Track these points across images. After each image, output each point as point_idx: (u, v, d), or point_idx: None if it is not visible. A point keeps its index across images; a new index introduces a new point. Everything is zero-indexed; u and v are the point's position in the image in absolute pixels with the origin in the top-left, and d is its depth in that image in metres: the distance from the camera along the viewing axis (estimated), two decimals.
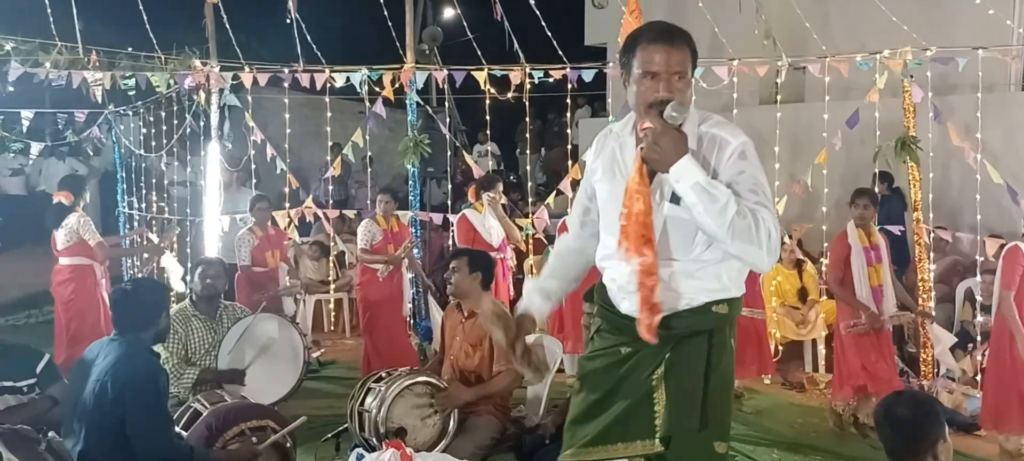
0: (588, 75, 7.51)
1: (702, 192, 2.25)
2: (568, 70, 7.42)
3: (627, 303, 2.47)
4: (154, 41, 7.81)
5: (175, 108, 8.63)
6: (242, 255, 6.86)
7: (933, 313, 6.39)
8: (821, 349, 7.00)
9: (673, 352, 2.44)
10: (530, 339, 4.81)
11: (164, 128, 8.95)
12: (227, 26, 7.81)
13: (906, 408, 2.73)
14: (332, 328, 8.90)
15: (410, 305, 7.40)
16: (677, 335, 2.43)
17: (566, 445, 2.59)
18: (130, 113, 10.00)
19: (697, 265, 2.40)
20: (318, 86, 7.65)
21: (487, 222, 6.88)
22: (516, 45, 7.75)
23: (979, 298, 6.49)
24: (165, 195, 10.08)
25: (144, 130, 9.74)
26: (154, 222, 9.36)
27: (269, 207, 7.13)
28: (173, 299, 4.92)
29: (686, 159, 2.28)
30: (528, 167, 8.74)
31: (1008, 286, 5.00)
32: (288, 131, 8.08)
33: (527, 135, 8.18)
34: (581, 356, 2.73)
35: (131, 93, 8.03)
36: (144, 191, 9.64)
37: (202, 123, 7.80)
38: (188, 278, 5.25)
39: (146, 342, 3.52)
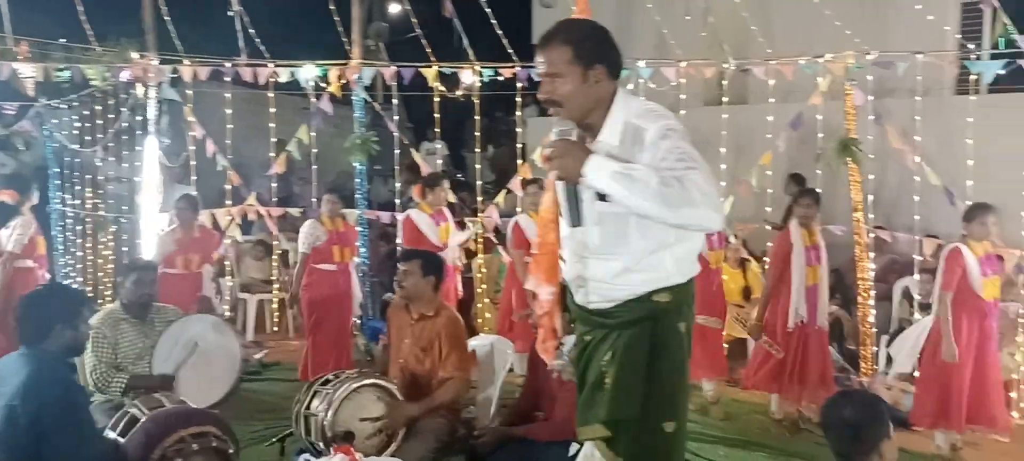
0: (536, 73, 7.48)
1: (620, 177, 2.28)
2: (518, 68, 7.39)
3: (579, 295, 2.62)
4: (89, 32, 7.54)
5: (111, 102, 8.34)
6: (158, 255, 6.51)
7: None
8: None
9: (619, 340, 2.54)
10: (481, 341, 4.79)
11: (99, 123, 8.64)
12: (166, 17, 7.58)
13: (852, 409, 2.75)
14: (276, 329, 8.72)
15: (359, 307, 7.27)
16: (623, 323, 2.54)
17: None
18: (63, 106, 9.65)
19: (635, 257, 2.48)
20: (261, 81, 7.47)
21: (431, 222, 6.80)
22: (466, 42, 7.69)
23: (917, 297, 6.67)
24: (100, 192, 9.73)
25: (78, 124, 9.40)
26: (88, 219, 9.03)
27: (192, 207, 6.85)
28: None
29: (593, 160, 2.32)
30: (477, 165, 8.67)
31: (947, 287, 5.10)
32: (229, 127, 7.88)
33: (476, 133, 8.12)
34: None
35: (65, 86, 7.74)
36: (78, 187, 9.31)
37: (139, 118, 7.54)
38: (119, 279, 5.02)
39: (58, 355, 3.29)
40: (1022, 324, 6.01)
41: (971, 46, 7.34)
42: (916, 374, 6.02)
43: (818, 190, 6.08)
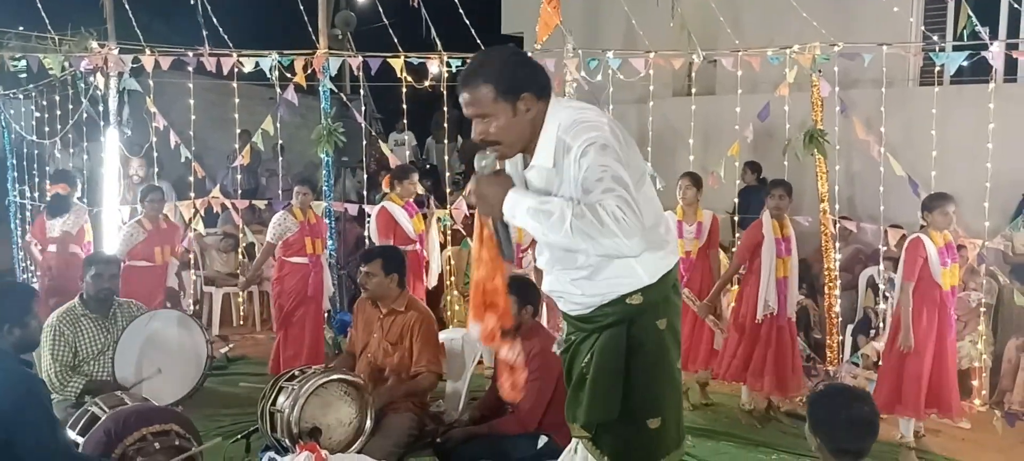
0: None
1: (535, 213, 2.28)
2: None
3: (560, 303, 2.68)
4: (46, 21, 7.35)
5: (70, 92, 8.15)
6: (122, 248, 6.38)
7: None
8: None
9: (597, 342, 2.58)
10: (450, 334, 4.76)
11: (58, 113, 8.44)
12: (127, 6, 7.41)
13: (870, 407, 2.70)
14: (242, 323, 8.61)
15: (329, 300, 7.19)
16: (601, 326, 2.57)
17: None
18: (21, 96, 9.43)
19: (593, 268, 2.49)
20: (225, 71, 7.34)
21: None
22: (433, 32, 7.62)
23: (882, 286, 6.75)
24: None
25: (37, 115, 9.18)
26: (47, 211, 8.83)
27: (162, 199, 6.75)
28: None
29: (510, 197, 2.32)
30: (446, 156, 8.62)
31: (908, 277, 5.17)
32: (193, 117, 7.74)
33: (444, 124, 8.06)
34: None
35: (22, 76, 7.54)
36: (37, 179, 9.10)
37: (100, 108, 7.38)
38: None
39: (9, 353, 3.23)
40: (983, 313, 6.11)
41: (935, 38, 7.43)
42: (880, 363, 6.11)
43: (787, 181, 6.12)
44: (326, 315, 7.06)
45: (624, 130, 2.45)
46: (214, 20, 7.24)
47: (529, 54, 2.54)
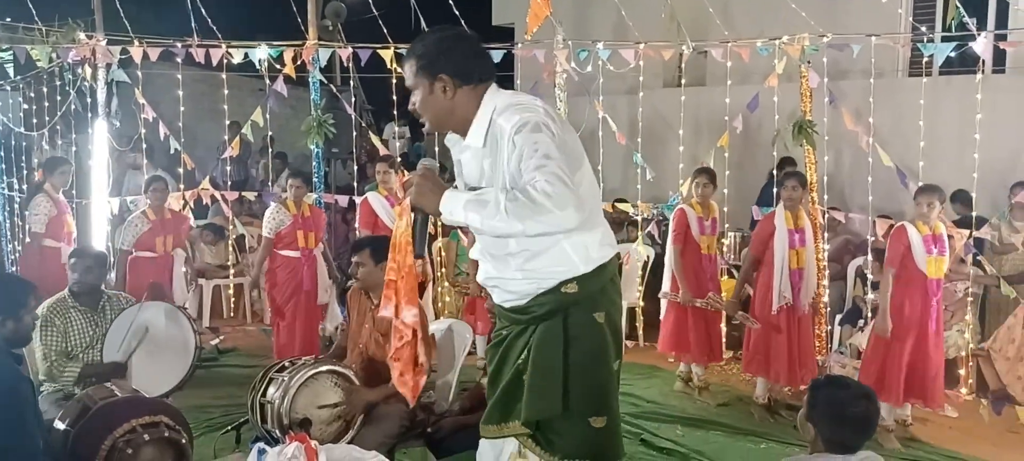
0: (496, 55, 7.43)
1: (472, 205, 2.32)
2: None
3: (495, 294, 2.68)
4: (33, 12, 7.30)
5: (58, 84, 8.10)
6: (125, 239, 6.40)
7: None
8: (722, 327, 7.19)
9: (533, 336, 2.57)
10: (440, 324, 4.77)
11: (46, 105, 8.39)
12: None
13: (875, 405, 2.71)
14: (232, 314, 8.60)
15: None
16: (536, 318, 2.56)
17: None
18: (8, 88, 9.37)
19: (525, 256, 2.50)
20: (214, 62, 7.31)
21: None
22: (423, 23, 7.59)
23: (870, 276, 6.79)
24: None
25: (25, 106, 9.13)
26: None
27: (166, 189, 6.75)
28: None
29: (446, 196, 2.39)
30: (437, 148, 8.59)
31: (891, 263, 5.23)
32: (182, 109, 7.71)
33: None
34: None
35: (8, 67, 7.49)
36: (25, 171, 9.05)
37: (88, 100, 7.34)
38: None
39: (1, 347, 3.21)
40: (971, 303, 6.15)
41: (923, 29, 7.46)
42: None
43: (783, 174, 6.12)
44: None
45: (559, 115, 2.51)
46: (202, 11, 7.19)
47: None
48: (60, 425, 3.59)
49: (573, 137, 2.51)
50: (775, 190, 6.28)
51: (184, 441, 3.46)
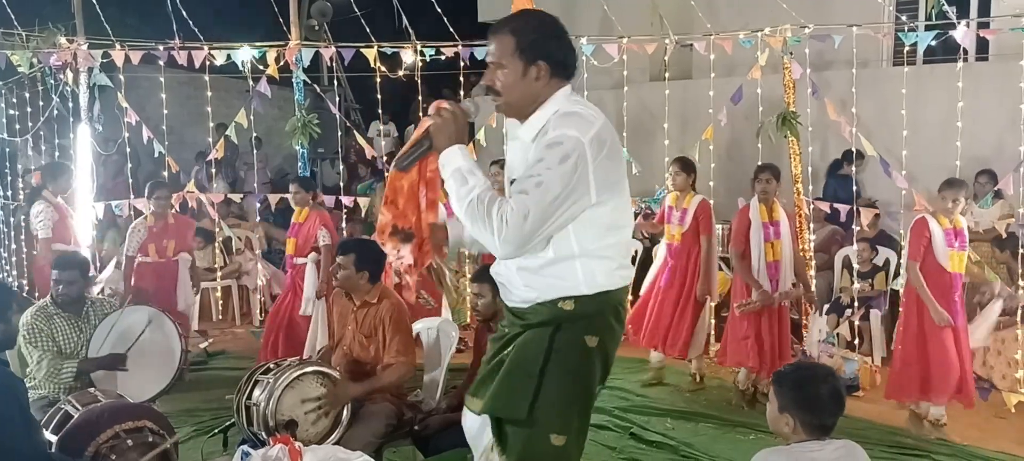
0: (481, 52, 7.42)
1: (457, 175, 2.38)
2: (460, 48, 7.31)
3: (503, 293, 2.67)
4: (13, 17, 7.24)
5: (40, 89, 8.04)
6: (129, 246, 6.42)
7: (813, 296, 6.60)
8: (710, 319, 7.21)
9: (520, 337, 2.59)
10: (426, 323, 4.75)
11: (28, 110, 8.34)
12: (95, 0, 7.31)
13: (837, 382, 2.74)
14: (221, 317, 8.57)
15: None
16: (530, 324, 2.56)
17: None
18: None
19: (540, 262, 2.48)
20: (198, 64, 7.27)
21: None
22: (405, 22, 7.59)
23: (856, 266, 6.81)
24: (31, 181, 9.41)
25: (9, 112, 9.05)
26: (20, 209, 8.73)
27: (169, 195, 6.71)
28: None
29: (456, 148, 2.41)
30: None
31: (913, 257, 5.13)
32: (165, 111, 7.66)
33: (421, 114, 8.01)
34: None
35: None
36: (8, 177, 8.99)
37: (70, 104, 7.29)
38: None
39: None
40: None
41: (905, 18, 7.48)
42: (855, 342, 6.15)
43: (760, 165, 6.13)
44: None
45: (612, 138, 2.47)
46: (184, 13, 7.15)
47: (567, 35, 2.56)
48: (43, 432, 3.57)
49: (615, 165, 2.48)
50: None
51: (168, 446, 3.45)
